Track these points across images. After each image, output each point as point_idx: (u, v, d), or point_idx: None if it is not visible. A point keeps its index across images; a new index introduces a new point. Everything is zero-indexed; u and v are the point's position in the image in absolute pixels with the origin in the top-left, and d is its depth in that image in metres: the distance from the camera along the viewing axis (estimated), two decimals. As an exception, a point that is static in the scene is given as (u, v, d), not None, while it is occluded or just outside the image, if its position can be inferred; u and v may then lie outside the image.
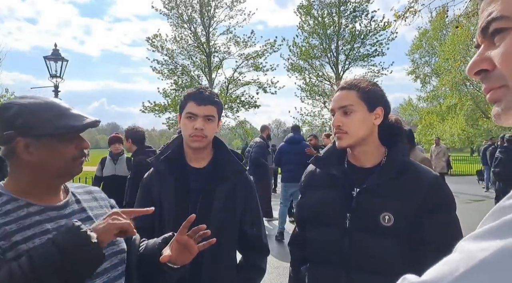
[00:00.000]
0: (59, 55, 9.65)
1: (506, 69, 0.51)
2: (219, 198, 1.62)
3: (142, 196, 1.71)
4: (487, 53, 0.54)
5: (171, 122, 17.89)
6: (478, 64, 0.55)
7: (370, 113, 1.36)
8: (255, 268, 1.71)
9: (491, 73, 0.53)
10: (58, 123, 1.06)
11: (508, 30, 0.51)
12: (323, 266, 1.39)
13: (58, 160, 1.08)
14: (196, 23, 18.03)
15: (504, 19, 0.51)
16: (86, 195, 1.27)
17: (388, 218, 1.26)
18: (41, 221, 1.05)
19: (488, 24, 0.53)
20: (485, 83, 0.55)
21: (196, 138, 1.60)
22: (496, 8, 0.52)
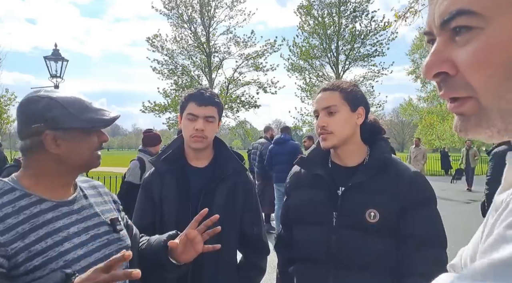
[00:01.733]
0: (59, 55, 9.66)
1: (473, 79, 0.44)
2: (220, 198, 1.62)
3: (143, 196, 1.72)
4: (447, 53, 0.46)
5: (171, 122, 17.89)
6: (437, 66, 0.47)
7: (353, 113, 1.40)
8: (255, 267, 1.72)
9: (453, 79, 0.46)
10: (85, 117, 1.10)
11: (476, 30, 0.43)
12: (311, 265, 1.41)
13: (84, 151, 1.12)
14: (196, 23, 18.04)
15: (472, 16, 0.43)
16: (91, 189, 1.29)
17: (374, 215, 1.30)
18: (53, 219, 1.08)
19: (451, 18, 0.45)
20: (445, 88, 0.48)
21: (196, 139, 1.61)
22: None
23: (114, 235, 1.21)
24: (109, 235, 1.20)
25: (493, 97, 0.43)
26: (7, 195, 1.04)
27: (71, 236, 1.09)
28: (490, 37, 0.42)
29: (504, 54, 0.42)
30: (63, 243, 1.06)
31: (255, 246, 1.73)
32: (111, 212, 1.27)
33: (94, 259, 1.11)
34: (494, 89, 0.43)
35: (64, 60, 9.71)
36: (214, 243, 1.58)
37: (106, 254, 1.16)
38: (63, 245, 1.06)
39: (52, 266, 1.02)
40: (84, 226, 1.14)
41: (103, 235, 1.18)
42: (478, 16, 0.43)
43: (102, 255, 1.14)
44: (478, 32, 0.43)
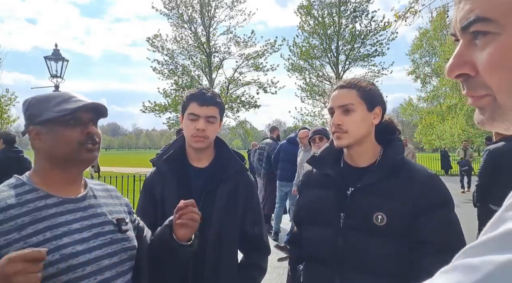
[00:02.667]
0: (59, 55, 9.65)
1: (490, 80, 0.48)
2: (221, 198, 1.63)
3: (145, 195, 1.72)
4: (468, 55, 0.50)
5: (171, 122, 17.90)
6: (460, 67, 0.51)
7: (370, 113, 1.35)
8: (256, 267, 1.73)
9: (474, 79, 0.50)
10: (58, 108, 1.12)
11: (492, 35, 0.47)
12: (317, 265, 1.39)
13: (64, 144, 1.12)
14: (197, 23, 18.04)
15: (488, 22, 0.46)
16: (103, 192, 1.30)
17: (381, 218, 1.25)
18: (56, 214, 1.09)
19: (469, 24, 0.48)
20: (467, 88, 0.52)
21: (197, 139, 1.61)
22: (478, 5, 0.47)
23: (118, 235, 1.21)
24: (113, 234, 1.19)
25: (507, 96, 0.47)
26: (16, 189, 1.09)
27: (72, 232, 1.10)
28: (504, 42, 0.46)
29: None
30: (62, 237, 1.07)
31: (256, 246, 1.73)
32: (120, 213, 1.27)
33: (94, 255, 1.11)
34: (507, 89, 0.47)
35: (65, 60, 9.71)
36: (214, 243, 1.59)
37: (108, 252, 1.16)
38: (62, 239, 1.07)
39: (47, 258, 1.01)
40: (88, 224, 1.15)
41: (106, 233, 1.18)
42: (494, 22, 0.46)
43: (104, 253, 1.14)
44: (494, 37, 0.46)
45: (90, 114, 1.17)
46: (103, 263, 1.13)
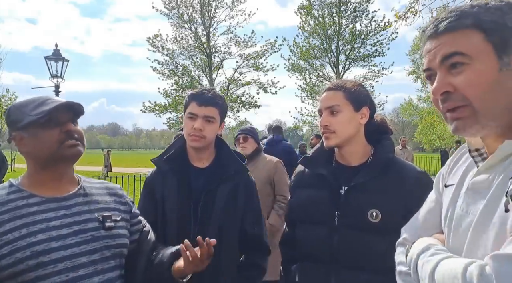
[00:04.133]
0: (59, 55, 9.65)
1: (469, 93, 0.72)
2: (221, 198, 1.63)
3: (145, 195, 1.72)
4: (447, 80, 0.74)
5: (171, 122, 17.87)
6: (444, 87, 0.75)
7: (356, 113, 1.40)
8: (256, 267, 1.73)
9: (453, 95, 0.74)
10: (35, 112, 1.15)
11: (465, 65, 0.73)
12: (313, 264, 1.41)
13: (45, 146, 1.16)
14: (197, 23, 18.01)
15: (464, 56, 0.72)
16: (101, 190, 1.31)
17: (376, 215, 1.29)
18: (36, 212, 1.12)
19: (450, 55, 0.74)
20: (447, 101, 0.75)
21: (194, 138, 1.62)
22: (456, 45, 0.73)
23: (101, 232, 1.20)
24: (95, 231, 1.19)
25: (481, 105, 0.72)
26: (3, 190, 1.15)
27: (49, 229, 1.10)
28: (474, 69, 0.73)
29: (484, 80, 0.72)
30: (37, 234, 1.08)
31: (256, 246, 1.74)
32: (113, 211, 1.27)
33: (70, 253, 1.11)
34: (481, 100, 0.72)
35: (65, 60, 9.70)
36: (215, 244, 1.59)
37: (87, 250, 1.15)
38: (36, 236, 1.08)
39: (18, 255, 1.04)
40: (70, 221, 1.15)
41: (88, 231, 1.17)
42: (466, 56, 0.73)
43: (82, 250, 1.14)
44: (467, 66, 0.73)
45: (67, 114, 1.20)
46: (79, 261, 1.12)
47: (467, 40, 0.73)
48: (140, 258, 1.33)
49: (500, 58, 0.71)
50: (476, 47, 0.72)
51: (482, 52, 0.72)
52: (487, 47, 0.72)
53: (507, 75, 0.71)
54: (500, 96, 0.71)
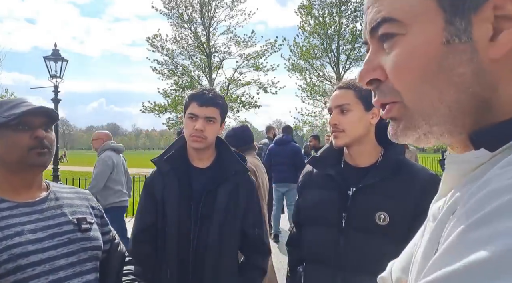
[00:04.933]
0: (59, 56, 9.63)
1: (398, 84, 0.47)
2: (222, 198, 1.62)
3: (146, 196, 1.71)
4: (377, 60, 0.50)
5: (171, 122, 17.86)
6: (370, 73, 0.50)
7: (367, 113, 1.37)
8: (256, 268, 1.72)
9: (384, 85, 0.50)
10: (7, 113, 1.12)
11: (398, 37, 0.47)
12: (319, 266, 1.39)
13: (13, 149, 1.13)
14: (197, 23, 18.01)
15: (394, 23, 0.47)
16: (71, 194, 1.30)
17: (384, 217, 1.27)
18: (9, 216, 1.09)
19: (377, 26, 0.48)
20: (377, 95, 0.51)
21: (195, 138, 1.61)
22: (385, 7, 0.47)
23: (77, 235, 1.20)
24: (71, 234, 1.18)
25: (414, 101, 0.46)
26: None
27: (25, 232, 1.09)
28: (408, 43, 0.46)
29: (420, 60, 0.45)
30: (13, 237, 1.06)
31: (257, 247, 1.73)
32: (84, 214, 1.26)
33: (47, 255, 1.10)
34: (414, 93, 0.46)
35: (64, 60, 9.68)
36: (215, 244, 1.58)
37: (64, 252, 1.15)
38: (13, 239, 1.06)
39: (9, 266, 1.02)
40: (44, 225, 1.14)
41: (64, 234, 1.17)
42: (399, 23, 0.46)
43: (59, 253, 1.13)
44: (400, 39, 0.47)
45: (41, 119, 1.17)
46: (57, 263, 1.11)
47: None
48: (110, 271, 1.32)
49: (448, 22, 0.44)
50: (412, 7, 0.46)
51: (421, 15, 0.45)
52: (428, 6, 0.45)
53: (457, 51, 0.44)
54: (446, 86, 0.44)
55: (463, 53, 0.43)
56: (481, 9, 0.42)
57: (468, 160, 0.46)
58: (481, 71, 0.43)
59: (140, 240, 1.67)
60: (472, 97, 0.44)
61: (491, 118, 0.44)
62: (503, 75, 0.43)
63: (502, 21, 0.42)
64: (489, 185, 0.37)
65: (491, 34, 0.43)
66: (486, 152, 0.43)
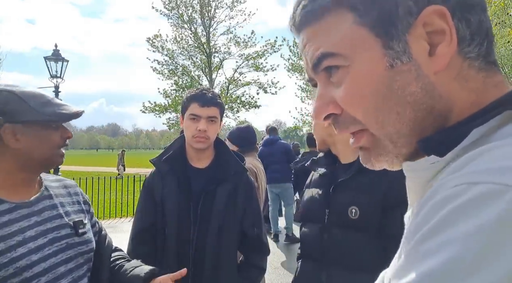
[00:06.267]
0: (59, 56, 9.64)
1: (356, 114, 0.48)
2: (221, 198, 1.63)
3: (145, 196, 1.72)
4: (328, 95, 0.50)
5: (171, 122, 17.87)
6: (324, 109, 0.50)
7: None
8: (255, 267, 1.73)
9: (341, 118, 0.50)
10: (47, 111, 1.06)
11: (343, 68, 0.48)
12: (308, 261, 1.45)
13: (45, 147, 1.08)
14: (197, 24, 18.00)
15: (335, 57, 0.47)
16: (61, 189, 1.24)
17: (355, 211, 1.31)
18: (9, 222, 1.01)
19: (318, 62, 0.49)
20: (338, 127, 0.51)
21: (199, 139, 1.62)
22: (322, 43, 0.48)
23: (75, 239, 1.16)
24: (69, 238, 1.14)
25: (377, 127, 0.47)
26: None
27: (26, 240, 1.03)
28: (354, 73, 0.47)
29: (370, 87, 0.46)
30: (16, 249, 1.00)
31: (256, 246, 1.74)
32: (78, 213, 1.22)
33: (49, 264, 1.06)
34: (374, 120, 0.47)
35: (65, 61, 9.70)
36: (214, 244, 1.59)
37: (63, 259, 1.11)
38: (16, 251, 1.00)
39: (1, 274, 0.96)
40: (43, 229, 1.08)
41: (62, 238, 1.12)
42: (340, 56, 0.47)
43: (59, 259, 1.09)
44: (344, 70, 0.48)
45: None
46: (58, 271, 1.08)
47: (334, 31, 0.47)
48: (102, 265, 1.29)
49: (386, 47, 0.45)
50: (349, 39, 0.47)
51: (359, 45, 0.46)
52: (364, 35, 0.46)
53: (402, 72, 0.45)
54: (401, 107, 0.46)
55: (408, 73, 0.45)
56: (413, 29, 0.45)
57: (423, 167, 0.47)
58: (430, 86, 0.45)
59: (139, 240, 1.67)
60: (427, 111, 0.45)
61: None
62: (449, 85, 0.45)
63: (434, 35, 0.44)
64: (435, 196, 0.38)
65: (428, 49, 0.45)
66: (437, 158, 0.44)
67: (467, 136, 0.42)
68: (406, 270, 0.36)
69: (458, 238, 0.32)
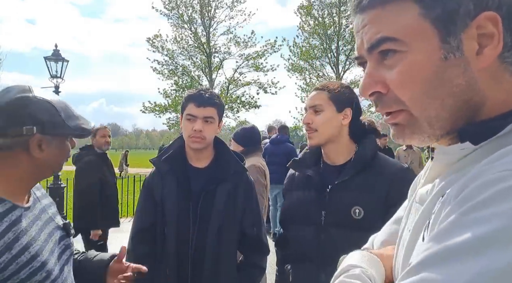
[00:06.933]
0: (59, 56, 9.63)
1: (403, 95, 0.53)
2: (220, 198, 1.63)
3: (145, 195, 1.73)
4: (378, 75, 0.55)
5: (171, 122, 17.88)
6: (372, 86, 0.56)
7: (338, 114, 1.45)
8: (255, 267, 1.74)
9: (386, 97, 0.56)
10: (73, 124, 1.07)
11: (400, 53, 0.53)
12: (304, 263, 1.44)
13: (62, 157, 1.11)
14: (197, 24, 18.01)
15: (396, 42, 0.52)
16: (37, 191, 1.23)
17: (359, 211, 1.33)
18: (28, 227, 1.01)
19: (378, 43, 0.54)
20: (380, 105, 0.57)
21: (195, 139, 1.63)
22: (384, 27, 0.53)
23: (68, 240, 1.17)
24: (64, 240, 1.15)
25: (420, 110, 0.53)
26: None
27: (43, 245, 1.03)
28: (410, 59, 0.52)
29: (422, 74, 0.52)
30: (41, 253, 1.00)
31: (255, 246, 1.74)
32: (57, 215, 1.22)
33: (59, 267, 1.07)
34: (420, 103, 0.53)
35: (65, 61, 9.69)
36: (214, 243, 1.59)
37: (64, 259, 1.12)
38: (42, 255, 1.00)
39: (36, 278, 0.96)
40: (47, 232, 1.09)
41: (60, 240, 1.13)
42: (400, 41, 0.52)
43: (63, 261, 1.10)
44: (401, 55, 0.53)
45: None
46: (64, 273, 1.09)
47: (398, 18, 0.52)
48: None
49: (444, 41, 0.51)
50: (410, 28, 0.51)
51: (420, 34, 0.51)
52: (425, 27, 0.51)
53: (453, 65, 0.51)
54: (446, 96, 0.51)
55: (458, 67, 0.51)
56: (468, 29, 0.50)
57: (453, 151, 0.54)
58: (473, 80, 0.51)
59: (139, 239, 1.68)
60: (466, 102, 0.52)
61: (480, 118, 0.52)
62: (488, 82, 0.52)
63: (484, 38, 0.50)
64: (480, 177, 0.43)
65: (477, 49, 0.51)
66: (470, 145, 0.51)
67: (502, 130, 0.49)
68: (453, 233, 0.40)
69: (504, 212, 0.38)
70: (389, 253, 0.71)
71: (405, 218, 0.67)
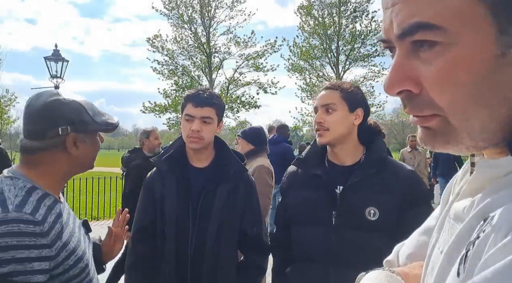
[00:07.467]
0: (59, 56, 9.66)
1: (441, 99, 0.41)
2: (221, 198, 1.63)
3: (145, 195, 1.73)
4: (410, 68, 0.43)
5: (171, 122, 17.88)
6: (401, 83, 0.43)
7: (351, 114, 1.44)
8: (255, 267, 1.73)
9: (418, 98, 0.43)
10: (100, 121, 1.15)
11: (441, 46, 0.40)
12: (310, 264, 1.42)
13: (94, 153, 1.19)
14: (197, 24, 18.01)
15: (436, 30, 0.39)
16: None
17: (374, 212, 1.33)
18: (68, 220, 1.11)
19: (411, 30, 0.41)
20: (409, 106, 0.45)
21: (192, 139, 1.63)
22: (421, 9, 0.40)
23: (88, 236, 1.26)
24: (87, 235, 1.25)
25: (461, 119, 0.41)
26: (32, 194, 1.03)
27: (79, 237, 1.13)
28: (455, 54, 0.40)
29: (470, 74, 0.39)
30: (80, 243, 1.11)
31: (256, 246, 1.74)
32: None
33: (90, 258, 1.16)
34: (462, 111, 0.41)
35: (65, 61, 9.71)
36: (214, 243, 1.59)
37: (91, 253, 1.21)
38: (82, 245, 1.11)
39: (81, 265, 1.06)
40: (77, 226, 1.18)
41: (85, 234, 1.23)
42: (442, 30, 0.39)
43: (91, 253, 1.20)
44: (443, 48, 0.40)
45: None
46: (93, 265, 1.17)
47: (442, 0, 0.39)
48: None
49: (503, 32, 0.38)
50: (457, 12, 0.38)
51: (469, 21, 0.38)
52: (478, 12, 0.38)
53: (510, 64, 0.38)
54: (497, 103, 0.40)
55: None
56: None
57: (501, 165, 0.43)
58: None
59: (139, 238, 1.68)
60: None
61: None
62: None
63: None
64: None
65: None
66: None
67: None
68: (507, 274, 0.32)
69: None
70: (416, 273, 0.59)
71: (436, 233, 0.55)
